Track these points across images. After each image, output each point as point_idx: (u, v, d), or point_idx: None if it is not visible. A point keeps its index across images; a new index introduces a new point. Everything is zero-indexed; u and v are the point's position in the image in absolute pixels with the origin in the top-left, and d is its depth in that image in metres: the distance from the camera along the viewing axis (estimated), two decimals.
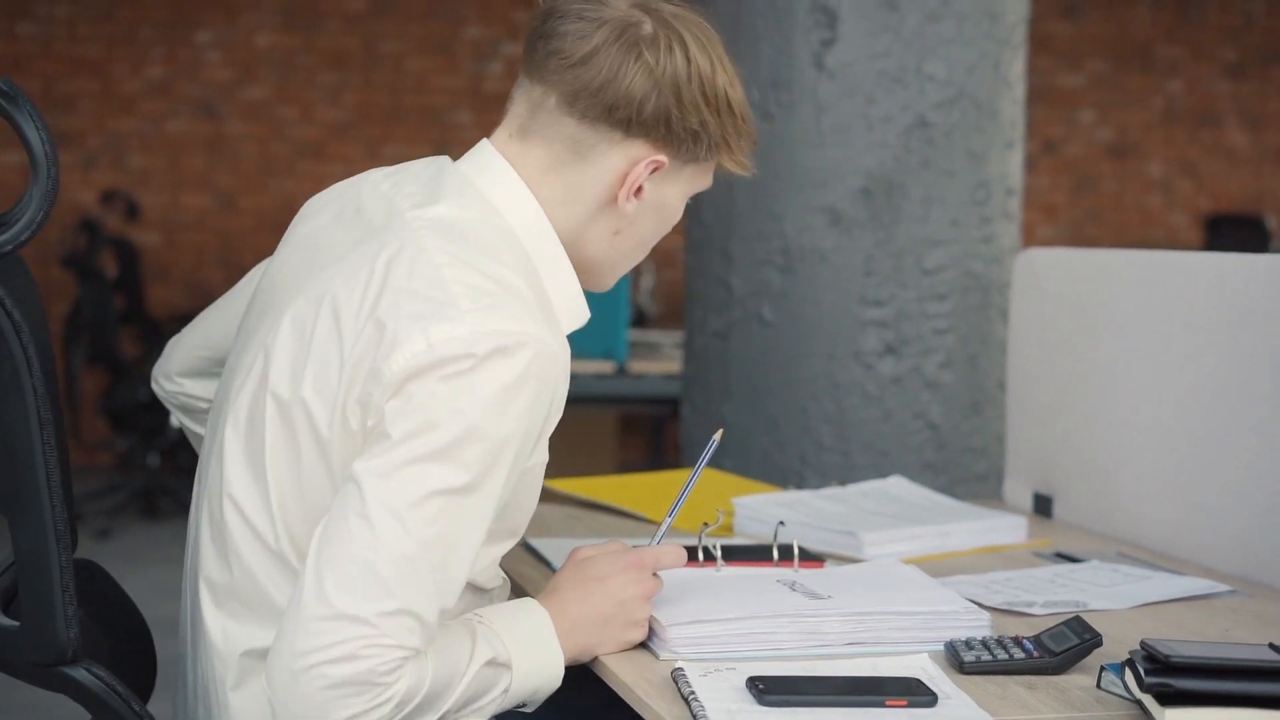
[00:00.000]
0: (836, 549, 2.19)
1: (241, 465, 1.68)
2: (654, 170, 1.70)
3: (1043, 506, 2.55)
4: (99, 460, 7.90)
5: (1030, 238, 9.38)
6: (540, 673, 1.64)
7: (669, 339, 6.19)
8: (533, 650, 1.64)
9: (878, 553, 2.16)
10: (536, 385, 1.56)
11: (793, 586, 1.84)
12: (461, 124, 8.58)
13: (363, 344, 1.58)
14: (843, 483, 2.63)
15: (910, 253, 3.18)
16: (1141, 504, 2.32)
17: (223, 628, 1.69)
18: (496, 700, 1.62)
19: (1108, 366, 2.39)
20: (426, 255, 1.61)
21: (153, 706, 1.74)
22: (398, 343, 1.55)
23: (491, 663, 1.59)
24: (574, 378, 5.35)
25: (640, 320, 7.62)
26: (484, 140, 1.76)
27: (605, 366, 5.33)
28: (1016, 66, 3.30)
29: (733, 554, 2.03)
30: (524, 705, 1.67)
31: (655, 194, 1.73)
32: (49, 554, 1.55)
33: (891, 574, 1.92)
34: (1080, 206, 9.60)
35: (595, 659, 1.70)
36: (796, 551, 1.96)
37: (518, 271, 1.64)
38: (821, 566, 2.03)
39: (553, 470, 1.84)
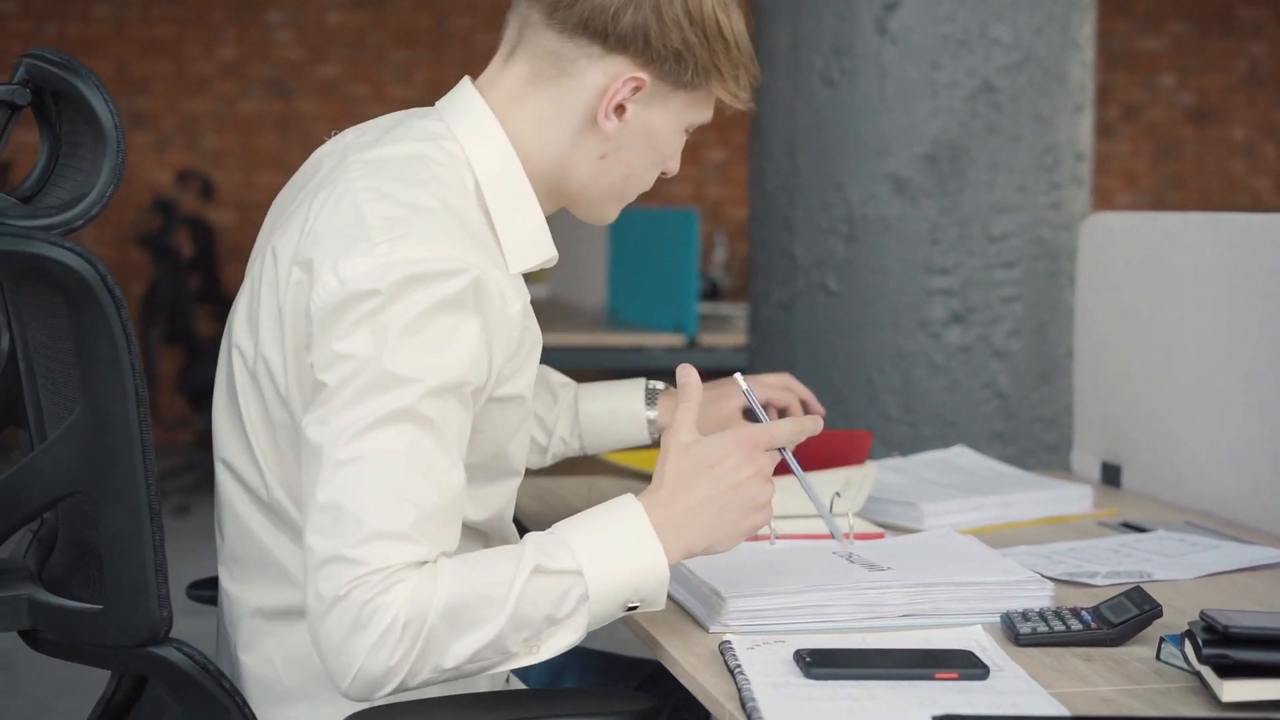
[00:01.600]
0: (897, 520, 2.15)
1: (227, 428, 1.68)
2: (636, 90, 1.65)
3: (1111, 476, 2.50)
4: (178, 438, 7.97)
5: (1110, 204, 9.26)
6: (633, 572, 1.51)
7: (740, 311, 6.16)
8: (616, 549, 1.51)
9: (939, 523, 2.12)
10: (462, 312, 1.52)
11: (850, 559, 1.82)
12: None
13: (293, 287, 1.57)
14: (905, 454, 2.59)
15: (977, 220, 3.13)
16: (1210, 472, 2.26)
17: (227, 592, 1.69)
18: (580, 610, 1.50)
19: (1176, 333, 2.34)
20: (352, 193, 1.59)
21: None
22: (315, 280, 1.53)
23: (540, 570, 1.48)
24: (643, 350, 5.33)
25: (713, 293, 7.59)
26: (465, 78, 1.73)
27: (675, 339, 5.31)
28: (1085, 29, 3.24)
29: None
30: (637, 607, 1.54)
31: (641, 118, 1.67)
32: (143, 533, 1.53)
33: (950, 544, 1.89)
34: (1161, 173, 9.47)
35: (652, 634, 1.66)
36: (851, 524, 1.93)
37: (449, 199, 1.60)
38: (880, 538, 2.00)
39: None
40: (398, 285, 1.50)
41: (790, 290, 3.28)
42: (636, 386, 2.19)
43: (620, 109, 1.66)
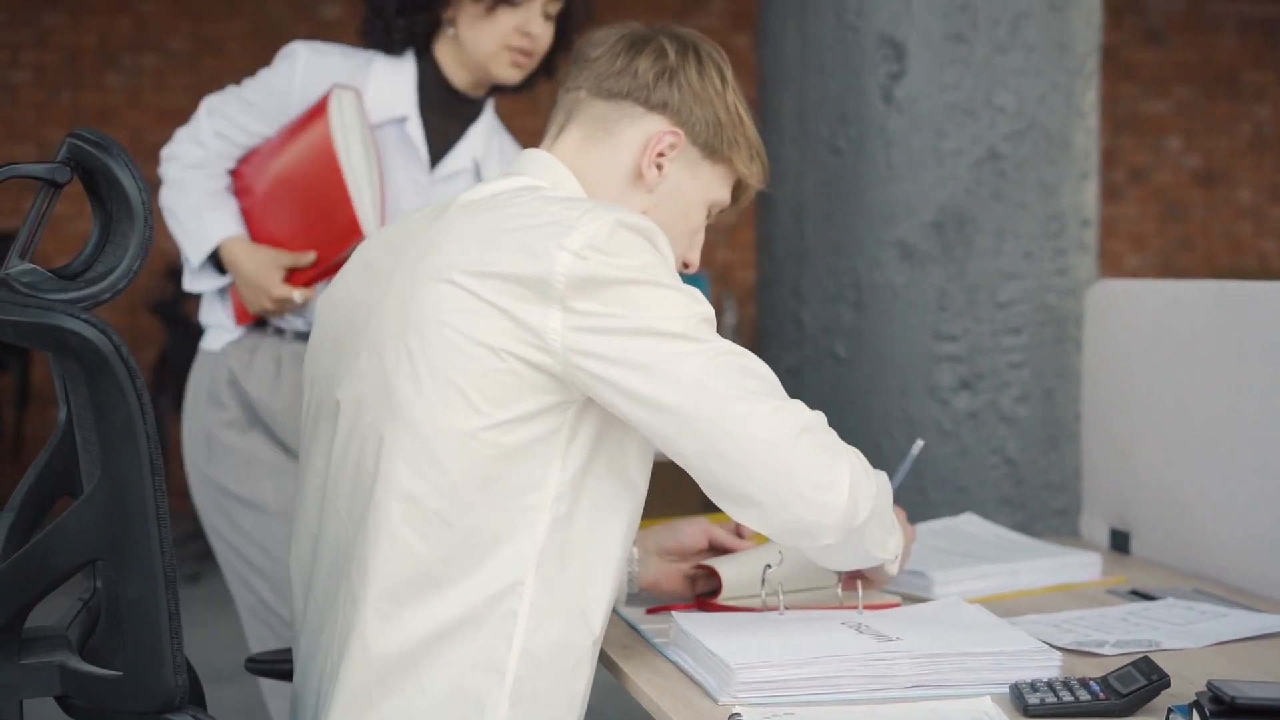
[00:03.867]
0: (906, 588, 2.16)
1: (397, 455, 1.74)
2: (673, 146, 1.90)
3: (1120, 542, 2.50)
4: (188, 505, 7.97)
5: (1118, 267, 9.28)
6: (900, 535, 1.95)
7: None
8: None
9: (948, 592, 2.12)
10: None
11: (859, 628, 1.82)
12: None
13: (508, 284, 1.73)
14: (914, 521, 2.60)
15: (983, 286, 3.14)
16: (1219, 539, 2.27)
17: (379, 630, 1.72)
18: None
19: (1183, 399, 2.35)
20: (501, 208, 1.78)
21: None
22: (548, 259, 1.70)
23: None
24: None
25: None
26: (525, 150, 1.95)
27: None
28: (1089, 96, 3.26)
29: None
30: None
31: (675, 178, 1.92)
32: (158, 600, 1.56)
33: (959, 614, 1.89)
34: (1169, 235, 9.49)
35: (660, 705, 1.68)
36: (860, 593, 1.94)
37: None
38: (894, 607, 2.00)
39: None
40: (623, 239, 1.70)
41: (798, 356, 3.29)
42: None
43: (659, 165, 1.91)
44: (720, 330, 1.77)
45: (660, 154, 1.91)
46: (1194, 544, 2.32)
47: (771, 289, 3.39)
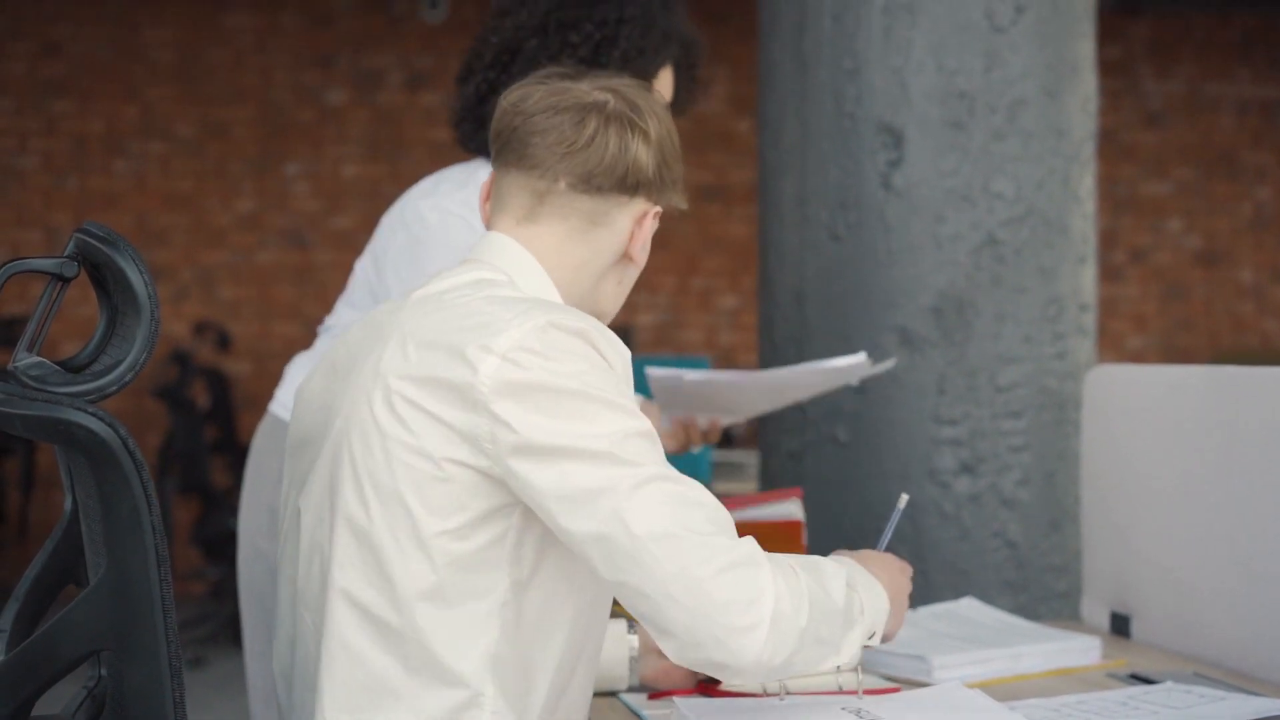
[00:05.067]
0: (906, 673, 2.17)
1: (349, 560, 1.75)
2: (655, 220, 1.91)
3: (1120, 626, 2.51)
4: (192, 590, 7.97)
5: (1120, 348, 9.30)
6: (881, 605, 1.85)
7: (753, 459, 6.18)
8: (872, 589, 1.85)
9: (948, 676, 2.13)
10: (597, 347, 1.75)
11: (859, 714, 1.83)
12: None
13: (438, 390, 1.72)
14: (915, 605, 2.61)
15: (983, 370, 3.17)
16: (1219, 623, 2.28)
17: None
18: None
19: (1182, 483, 2.36)
20: (447, 306, 1.76)
21: None
22: (472, 366, 1.68)
23: (850, 584, 1.79)
24: None
25: (726, 439, 7.61)
26: (491, 232, 1.89)
27: None
28: (1086, 181, 3.30)
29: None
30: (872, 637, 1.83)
31: (645, 240, 1.92)
32: (163, 690, 1.57)
33: (958, 699, 1.90)
34: (1171, 315, 9.52)
35: None
36: (860, 677, 1.94)
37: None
38: (893, 692, 2.01)
39: None
40: (555, 341, 1.67)
41: (800, 441, 3.31)
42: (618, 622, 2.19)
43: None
44: None
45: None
46: (1193, 627, 2.33)
47: None
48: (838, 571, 1.78)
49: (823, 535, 3.27)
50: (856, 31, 3.22)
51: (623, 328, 8.19)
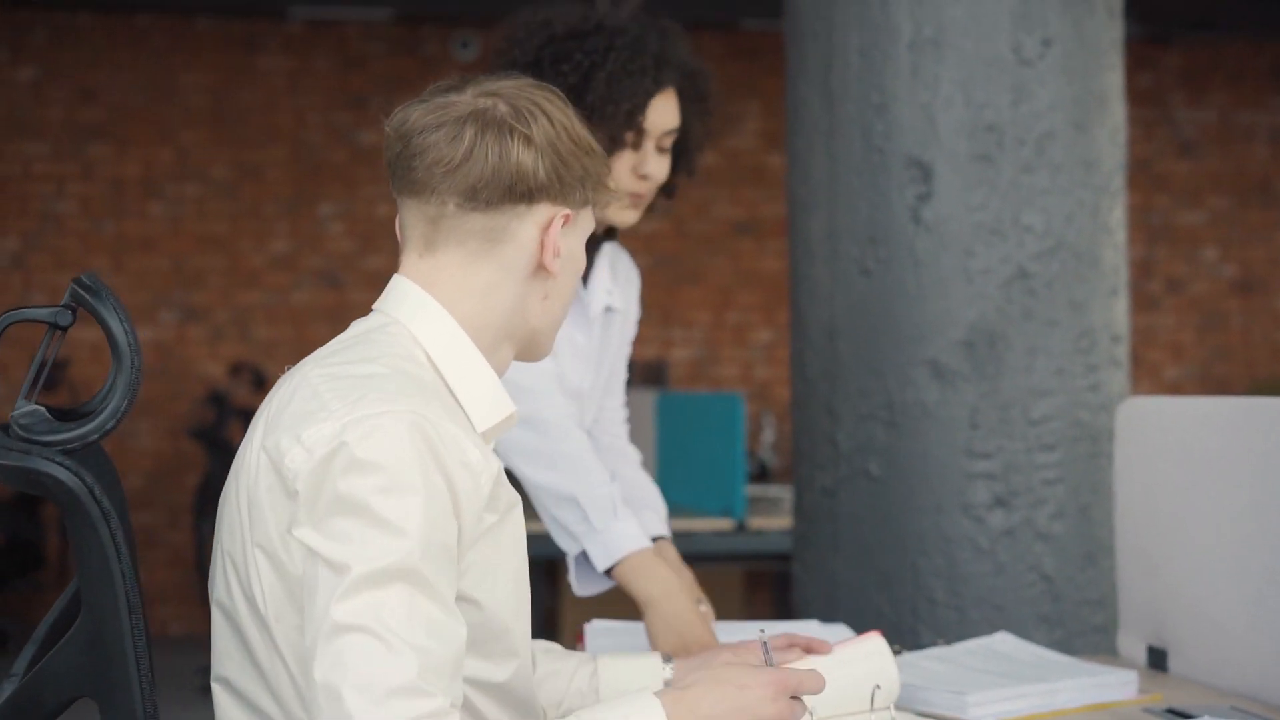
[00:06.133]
0: (941, 709, 2.16)
1: (228, 649, 1.71)
2: (564, 223, 1.76)
3: (1157, 660, 2.49)
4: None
5: (1157, 378, 9.26)
6: None
7: (789, 494, 6.17)
8: None
9: (983, 713, 2.12)
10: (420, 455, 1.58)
11: None
12: None
13: (263, 472, 1.63)
14: (950, 640, 2.60)
15: (1016, 404, 3.16)
16: (1256, 656, 2.26)
17: None
18: None
19: (1216, 515, 2.35)
20: (307, 381, 1.68)
21: None
22: (283, 455, 1.60)
23: None
24: (692, 536, 5.26)
25: (762, 474, 7.60)
26: (395, 275, 1.81)
27: (724, 524, 5.31)
28: (1116, 213, 3.29)
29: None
30: None
31: (568, 248, 1.79)
32: None
33: None
34: (1208, 344, 9.48)
35: None
36: (893, 715, 1.94)
37: (400, 365, 1.69)
38: None
39: None
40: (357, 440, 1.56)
41: (834, 476, 3.31)
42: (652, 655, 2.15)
43: (558, 249, 1.77)
44: (757, 447, 1.72)
45: (557, 240, 1.77)
46: (1230, 661, 2.31)
47: (805, 409, 3.41)
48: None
49: (857, 571, 3.26)
50: (884, 67, 3.23)
51: (656, 364, 8.22)
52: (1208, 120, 9.51)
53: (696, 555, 5.82)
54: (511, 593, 1.73)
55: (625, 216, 2.64)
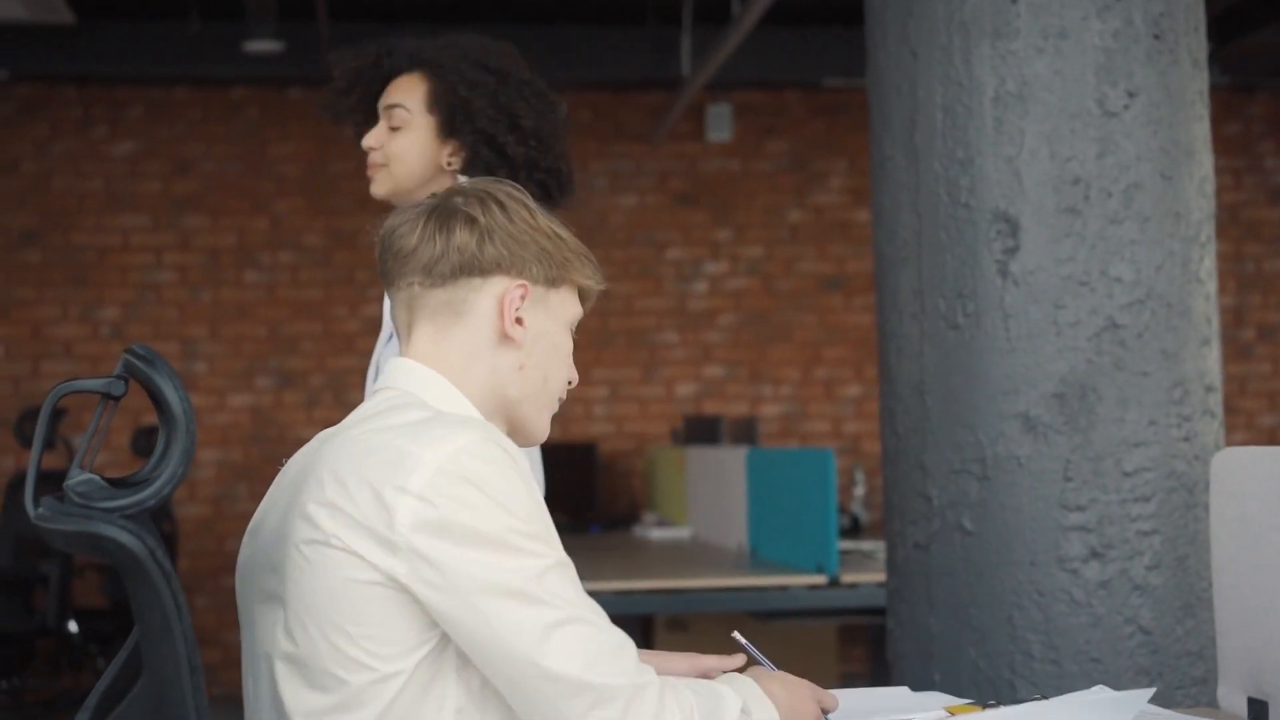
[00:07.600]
0: None
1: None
2: (523, 297, 1.91)
3: (1258, 712, 2.47)
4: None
5: (1253, 427, 9.16)
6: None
7: (881, 547, 6.15)
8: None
9: None
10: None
11: None
12: (669, 343, 8.71)
13: (355, 530, 1.76)
14: (1047, 694, 2.59)
15: (1109, 456, 3.16)
16: None
17: None
18: None
19: None
20: (358, 440, 1.81)
21: None
22: (389, 508, 1.73)
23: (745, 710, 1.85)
24: (786, 590, 5.26)
25: (854, 528, 7.58)
26: (392, 359, 1.95)
27: (817, 579, 5.31)
28: (1206, 263, 3.29)
29: None
30: None
31: (536, 323, 1.92)
32: None
33: None
34: None
35: None
36: None
37: (437, 413, 1.85)
38: None
39: None
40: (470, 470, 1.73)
41: (926, 531, 3.31)
42: None
43: (518, 319, 1.91)
44: (848, 502, 1.79)
45: (515, 309, 1.91)
46: None
47: (896, 464, 3.42)
48: (732, 697, 1.85)
49: (951, 625, 3.26)
50: (968, 123, 3.25)
51: (746, 420, 8.23)
52: None
53: (790, 611, 5.82)
54: None
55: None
